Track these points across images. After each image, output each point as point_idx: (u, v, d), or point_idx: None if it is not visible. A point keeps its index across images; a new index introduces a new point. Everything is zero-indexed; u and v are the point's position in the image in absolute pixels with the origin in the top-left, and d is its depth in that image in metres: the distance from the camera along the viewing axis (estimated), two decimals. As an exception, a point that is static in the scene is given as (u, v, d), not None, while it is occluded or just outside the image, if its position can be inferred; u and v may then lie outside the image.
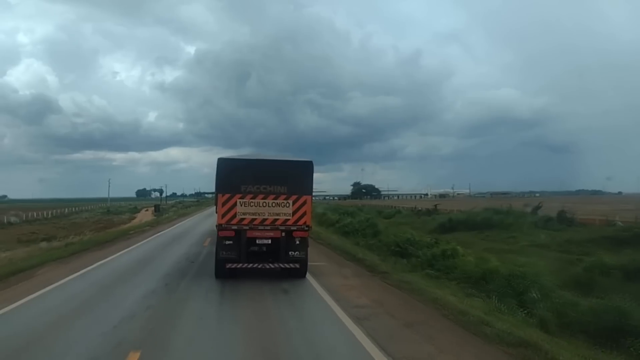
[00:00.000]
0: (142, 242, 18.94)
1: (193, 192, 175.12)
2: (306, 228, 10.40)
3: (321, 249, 16.66)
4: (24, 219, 58.12)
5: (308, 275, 10.81)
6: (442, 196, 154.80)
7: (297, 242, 10.27)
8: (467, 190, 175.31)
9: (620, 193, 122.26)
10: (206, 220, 36.39)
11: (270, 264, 10.26)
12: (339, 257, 14.49)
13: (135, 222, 47.16)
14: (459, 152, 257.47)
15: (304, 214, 10.32)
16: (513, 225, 26.58)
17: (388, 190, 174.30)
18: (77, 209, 77.19)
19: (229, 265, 10.16)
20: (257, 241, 10.19)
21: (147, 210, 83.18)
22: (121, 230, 24.82)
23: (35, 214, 62.70)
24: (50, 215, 64.12)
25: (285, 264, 10.30)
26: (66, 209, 72.04)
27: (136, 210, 73.93)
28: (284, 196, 10.22)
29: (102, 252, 15.64)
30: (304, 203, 10.33)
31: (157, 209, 39.69)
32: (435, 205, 53.74)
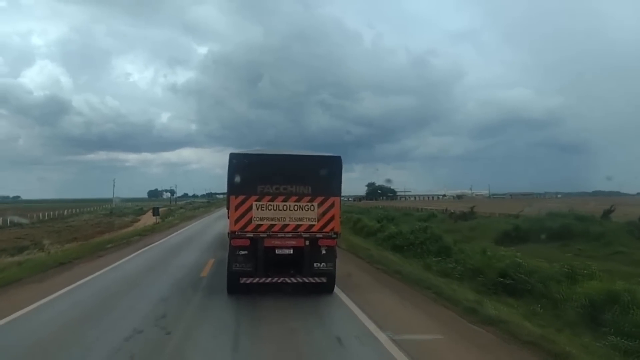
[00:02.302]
0: (110, 267, 12.61)
1: (204, 193, 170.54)
2: (334, 235, 8.98)
3: (395, 286, 10.24)
4: (22, 220, 53.59)
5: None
6: (460, 197, 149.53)
7: (324, 252, 8.89)
8: (486, 191, 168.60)
9: (639, 194, 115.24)
10: (215, 225, 31.02)
11: (292, 278, 8.88)
12: (444, 311, 7.98)
13: (137, 225, 42.27)
14: (470, 153, 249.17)
15: (332, 218, 8.90)
16: (605, 235, 20.67)
17: (404, 191, 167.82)
18: (77, 210, 72.44)
19: (243, 280, 8.79)
20: (276, 251, 8.85)
21: (153, 211, 78.45)
22: (98, 242, 19.02)
23: (36, 215, 58.34)
24: (48, 217, 59.34)
25: (310, 278, 8.88)
26: (65, 211, 67.18)
27: (142, 211, 68.87)
28: (308, 198, 8.86)
29: (33, 289, 9.66)
30: (332, 206, 8.92)
31: (156, 212, 34.17)
32: (472, 208, 48.01)
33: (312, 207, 8.79)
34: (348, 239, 18.69)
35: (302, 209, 8.79)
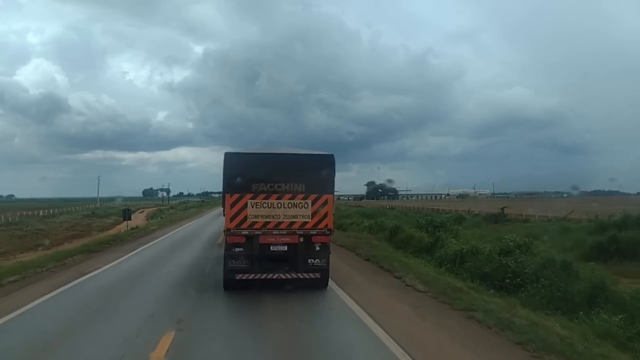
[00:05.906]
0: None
1: (200, 192, 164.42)
2: (327, 232, 9.09)
3: None
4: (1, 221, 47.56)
5: None
6: (462, 196, 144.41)
7: (318, 249, 9.00)
8: (488, 190, 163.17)
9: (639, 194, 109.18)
10: (202, 232, 24.85)
11: (287, 274, 8.99)
12: None
13: (120, 228, 36.09)
14: (469, 152, 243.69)
15: (325, 215, 9.00)
16: None
17: (406, 190, 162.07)
18: (57, 210, 65.89)
19: (239, 276, 8.89)
20: (271, 248, 8.95)
21: (142, 212, 71.72)
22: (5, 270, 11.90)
23: (21, 215, 52.83)
24: (23, 218, 52.94)
25: (304, 274, 9.00)
26: (41, 212, 60.54)
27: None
28: (302, 195, 8.97)
29: None
30: (325, 203, 9.01)
31: (126, 216, 27.69)
32: (502, 209, 42.10)
33: (306, 204, 8.90)
34: (402, 261, 12.38)
35: (296, 207, 8.89)
